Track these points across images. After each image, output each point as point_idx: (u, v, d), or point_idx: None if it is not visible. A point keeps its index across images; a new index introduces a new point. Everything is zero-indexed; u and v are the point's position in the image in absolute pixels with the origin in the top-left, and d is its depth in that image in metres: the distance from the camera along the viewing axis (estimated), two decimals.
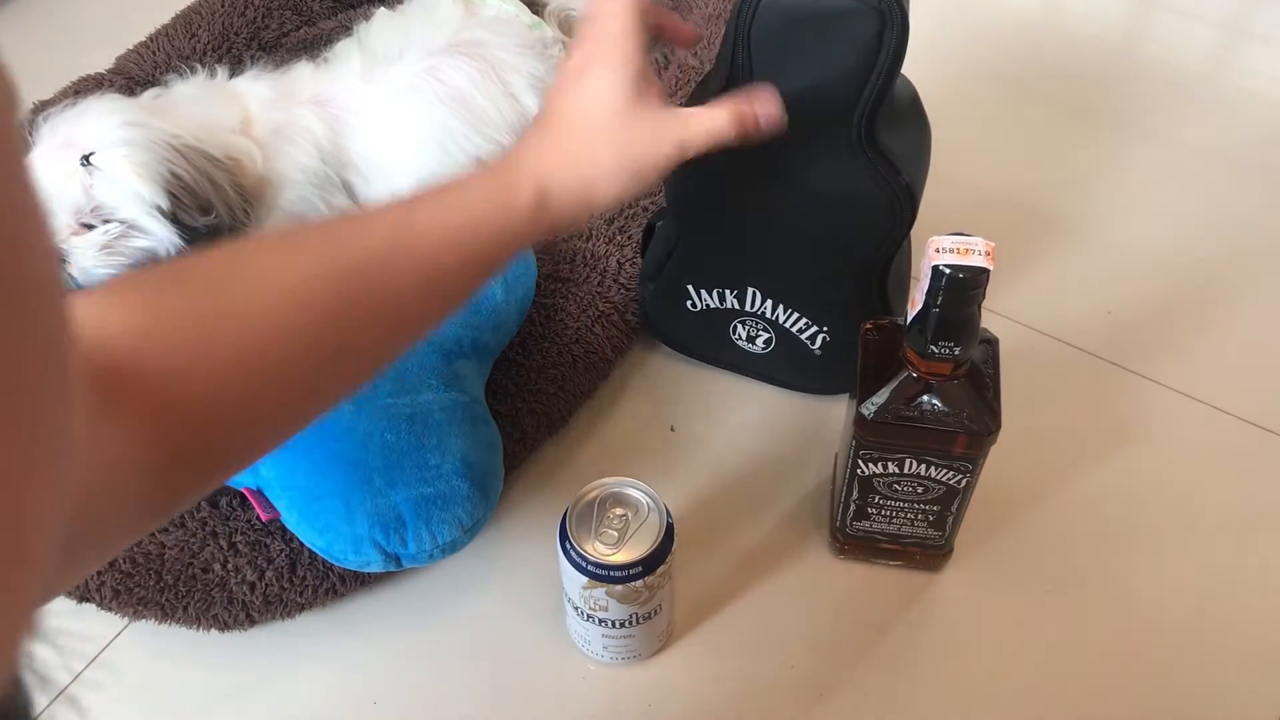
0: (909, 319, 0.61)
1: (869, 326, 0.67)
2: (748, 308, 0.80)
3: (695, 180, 0.73)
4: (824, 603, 0.73)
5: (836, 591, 0.74)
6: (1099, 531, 0.76)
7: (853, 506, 0.71)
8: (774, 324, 0.80)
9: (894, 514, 0.70)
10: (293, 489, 0.68)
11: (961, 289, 0.57)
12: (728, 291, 0.79)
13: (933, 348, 0.60)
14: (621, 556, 0.61)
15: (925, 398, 0.63)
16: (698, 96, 0.75)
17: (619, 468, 0.74)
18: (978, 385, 0.63)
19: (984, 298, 0.59)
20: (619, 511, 0.63)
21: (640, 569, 0.61)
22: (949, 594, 0.74)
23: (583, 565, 0.61)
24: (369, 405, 0.68)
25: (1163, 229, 0.95)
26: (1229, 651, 0.70)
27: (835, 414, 0.83)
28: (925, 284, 0.58)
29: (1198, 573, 0.74)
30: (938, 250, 0.58)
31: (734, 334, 0.82)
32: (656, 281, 0.82)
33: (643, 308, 0.85)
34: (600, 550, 0.61)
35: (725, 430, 0.82)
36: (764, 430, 0.82)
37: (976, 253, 0.57)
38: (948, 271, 0.57)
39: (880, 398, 0.64)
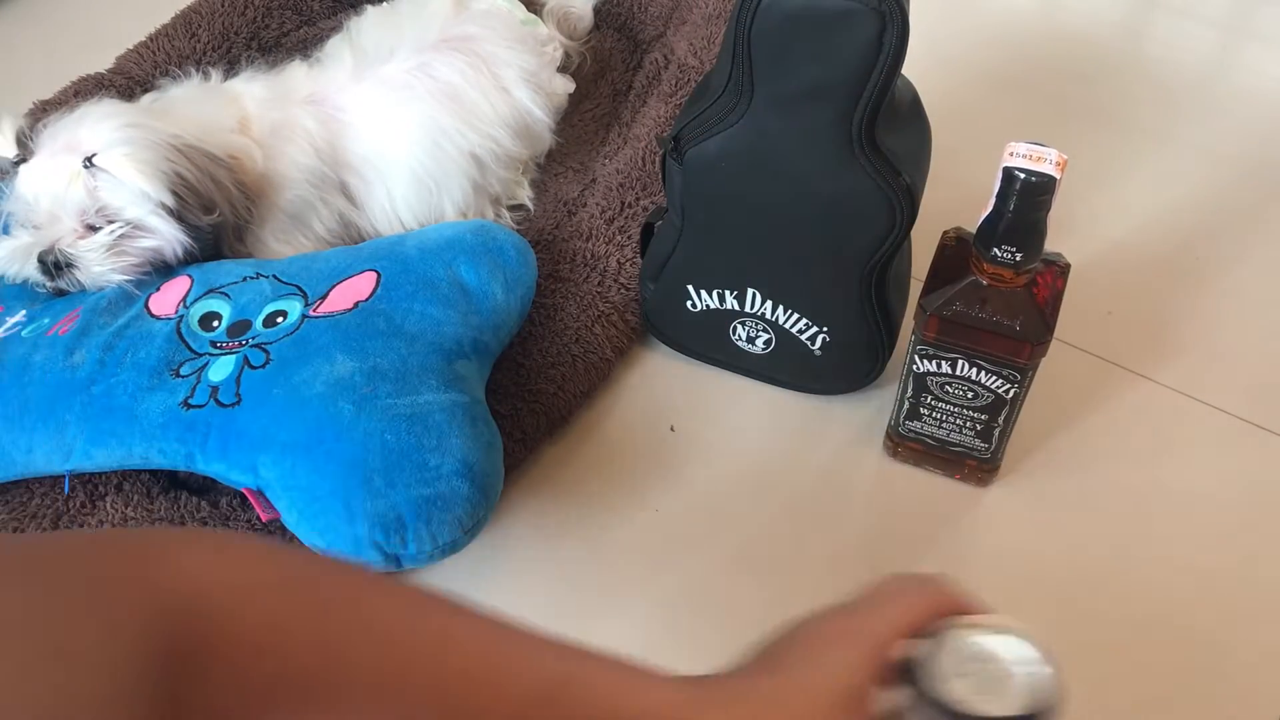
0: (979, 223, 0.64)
1: (949, 233, 0.70)
2: (747, 308, 0.80)
3: (696, 181, 0.73)
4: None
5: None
6: (1100, 528, 0.76)
7: (906, 405, 0.74)
8: (774, 324, 0.80)
9: (944, 418, 0.73)
10: (293, 489, 0.68)
11: (1029, 193, 0.60)
12: (727, 292, 0.79)
13: (996, 250, 0.63)
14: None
15: (983, 300, 0.66)
16: (698, 96, 0.75)
17: (619, 468, 0.74)
18: (1037, 298, 0.66)
19: (1049, 208, 0.61)
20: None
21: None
22: None
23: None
24: (369, 406, 0.68)
25: (1163, 229, 0.95)
26: (1229, 652, 0.71)
27: (835, 414, 0.83)
28: (996, 187, 0.61)
29: (1197, 573, 0.74)
30: (1012, 154, 0.60)
31: (734, 334, 0.82)
32: (656, 282, 0.82)
33: (643, 308, 0.86)
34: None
35: (725, 430, 0.83)
36: (764, 430, 0.82)
37: (1049, 162, 0.60)
38: (1021, 176, 0.60)
39: (941, 294, 0.67)
